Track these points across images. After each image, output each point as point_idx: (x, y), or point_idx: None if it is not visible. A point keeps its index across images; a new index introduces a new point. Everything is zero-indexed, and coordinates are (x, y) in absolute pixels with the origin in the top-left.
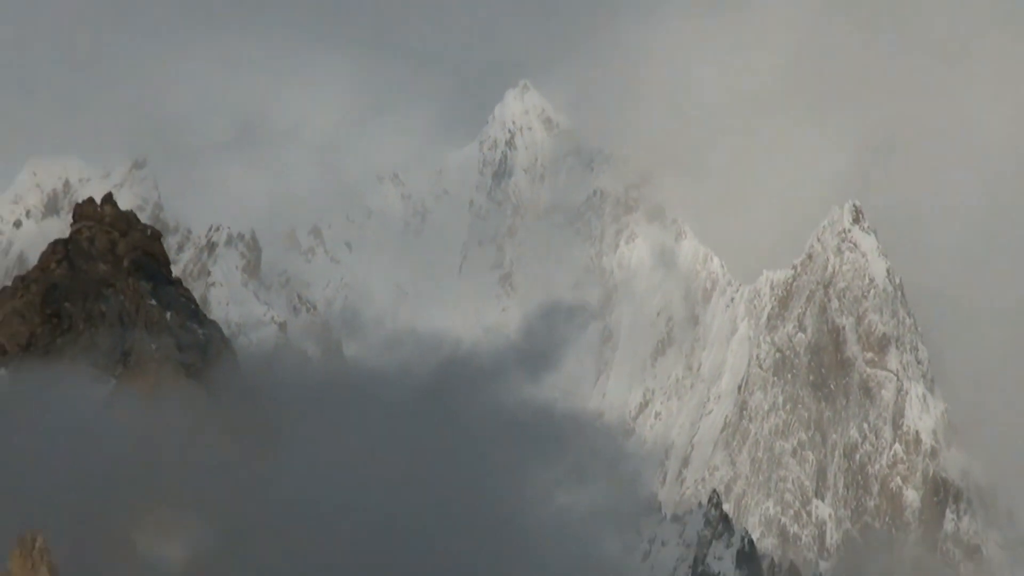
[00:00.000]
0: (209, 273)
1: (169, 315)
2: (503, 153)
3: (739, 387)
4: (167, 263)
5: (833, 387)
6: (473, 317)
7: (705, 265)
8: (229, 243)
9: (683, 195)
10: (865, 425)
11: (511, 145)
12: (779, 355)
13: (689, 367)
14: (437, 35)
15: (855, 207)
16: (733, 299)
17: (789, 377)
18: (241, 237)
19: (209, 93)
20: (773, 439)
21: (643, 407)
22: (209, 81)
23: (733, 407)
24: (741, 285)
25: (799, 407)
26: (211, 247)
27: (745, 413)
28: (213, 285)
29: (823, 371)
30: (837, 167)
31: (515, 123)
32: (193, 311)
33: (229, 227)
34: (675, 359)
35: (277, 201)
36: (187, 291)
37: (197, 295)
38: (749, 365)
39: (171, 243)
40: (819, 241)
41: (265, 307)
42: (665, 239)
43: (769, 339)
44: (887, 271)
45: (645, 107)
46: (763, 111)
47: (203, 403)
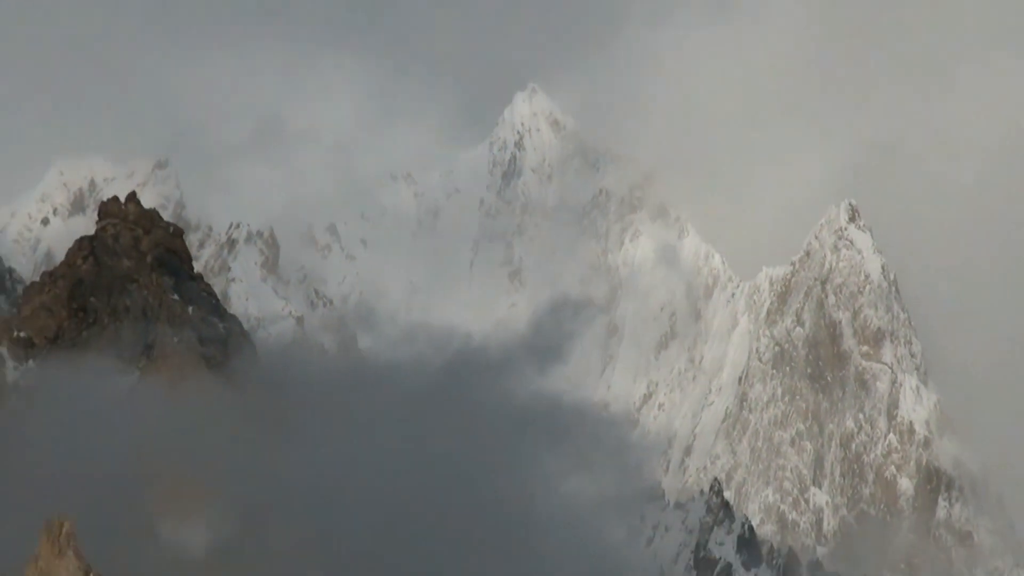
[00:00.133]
0: (229, 269)
1: (191, 309)
2: (512, 154)
3: (739, 379)
4: (189, 259)
5: (830, 379)
6: (483, 312)
7: (707, 262)
8: (248, 240)
9: (685, 195)
10: (861, 416)
11: (520, 146)
12: (778, 348)
13: (691, 360)
14: (449, 41)
15: (851, 206)
16: (734, 295)
17: (787, 370)
18: (260, 234)
19: (229, 96)
20: (772, 429)
21: (647, 398)
22: (229, 85)
23: (734, 398)
24: (741, 281)
25: (797, 398)
26: (231, 244)
27: (745, 404)
28: (233, 281)
29: (820, 364)
30: (834, 168)
31: (524, 125)
32: (214, 306)
33: (248, 225)
34: (678, 352)
35: (294, 200)
36: (208, 286)
37: (217, 290)
38: (749, 358)
39: (192, 240)
40: (816, 239)
41: (283, 302)
42: (668, 237)
43: (768, 333)
44: (882, 268)
45: (649, 110)
46: (762, 115)
47: (223, 394)
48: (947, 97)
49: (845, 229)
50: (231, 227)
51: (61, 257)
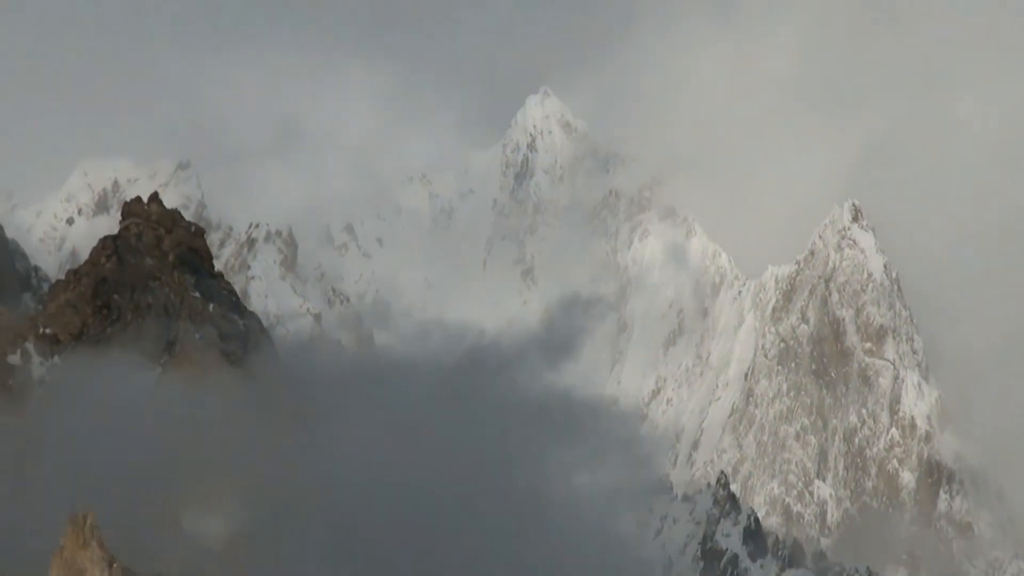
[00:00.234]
0: (249, 267)
1: (211, 307)
2: (525, 155)
3: (746, 375)
4: (210, 258)
5: (834, 375)
6: (496, 309)
7: (714, 261)
8: (268, 239)
9: (693, 195)
10: (864, 411)
11: (532, 148)
12: (783, 345)
13: (699, 356)
14: (463, 47)
15: (855, 206)
16: (740, 293)
17: (792, 366)
18: (279, 234)
19: (249, 99)
20: (777, 424)
21: (656, 394)
22: (250, 87)
23: (740, 394)
24: (747, 279)
25: (802, 394)
26: (251, 243)
27: (751, 399)
28: (253, 279)
29: (824, 360)
30: (838, 169)
31: (536, 127)
32: (234, 303)
33: (268, 224)
34: (686, 349)
35: (313, 200)
36: (228, 284)
37: (238, 288)
38: (755, 354)
39: (213, 239)
40: (821, 238)
41: (301, 299)
42: (676, 236)
43: (774, 330)
44: (884, 266)
45: (657, 113)
46: (768, 117)
47: (243, 389)
48: (947, 97)
49: (848, 229)
50: (251, 227)
51: (85, 256)
